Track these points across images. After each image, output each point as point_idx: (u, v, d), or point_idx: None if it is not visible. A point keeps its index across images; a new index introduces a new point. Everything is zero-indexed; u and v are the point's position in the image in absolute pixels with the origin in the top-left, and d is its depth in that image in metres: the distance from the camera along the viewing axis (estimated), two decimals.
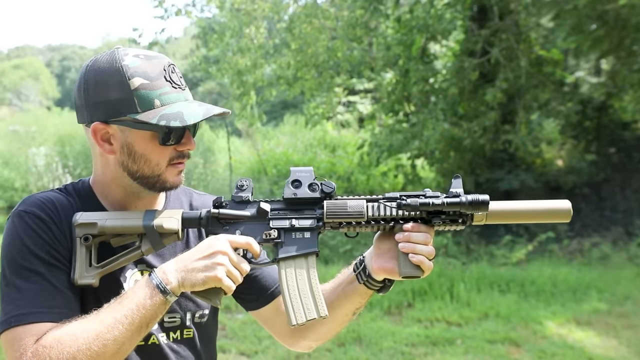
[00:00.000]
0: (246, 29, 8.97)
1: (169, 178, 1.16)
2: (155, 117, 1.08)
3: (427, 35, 8.39)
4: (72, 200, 1.16)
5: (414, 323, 5.31)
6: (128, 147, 1.12)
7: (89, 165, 10.33)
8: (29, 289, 1.03)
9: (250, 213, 1.15)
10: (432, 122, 7.49)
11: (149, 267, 1.19)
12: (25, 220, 1.08)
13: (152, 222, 1.12)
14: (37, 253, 1.06)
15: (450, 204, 1.13)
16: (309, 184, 1.14)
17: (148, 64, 1.11)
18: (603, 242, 7.33)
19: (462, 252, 7.41)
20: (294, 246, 1.15)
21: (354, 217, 1.14)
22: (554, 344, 4.69)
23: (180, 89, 1.13)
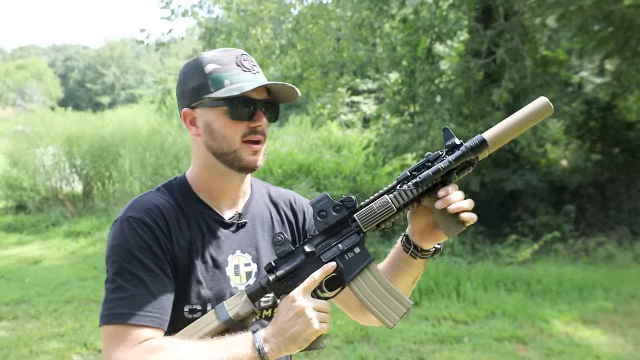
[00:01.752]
0: (252, 30, 9.03)
1: (245, 156, 1.25)
2: (225, 91, 1.22)
3: (432, 35, 8.44)
4: (172, 202, 1.27)
5: (421, 321, 5.36)
6: (208, 126, 1.25)
7: (96, 165, 10.47)
8: (129, 291, 1.14)
9: (300, 261, 1.23)
10: (438, 122, 7.53)
11: (243, 252, 1.32)
12: (133, 226, 1.19)
13: (229, 315, 1.20)
14: (140, 258, 1.17)
15: (457, 159, 1.21)
16: (333, 207, 1.22)
17: (222, 54, 1.27)
18: (608, 241, 7.35)
19: (467, 251, 7.45)
20: (352, 266, 1.23)
21: (385, 215, 1.23)
22: (560, 341, 4.73)
23: (250, 72, 1.26)
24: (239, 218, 1.33)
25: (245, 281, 1.30)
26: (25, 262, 7.45)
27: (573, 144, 9.15)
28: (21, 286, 6.22)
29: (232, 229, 1.32)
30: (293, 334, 1.14)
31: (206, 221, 1.29)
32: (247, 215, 1.35)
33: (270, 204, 1.43)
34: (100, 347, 4.57)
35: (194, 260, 1.24)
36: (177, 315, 1.22)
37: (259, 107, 1.25)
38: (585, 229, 7.81)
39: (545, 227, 7.80)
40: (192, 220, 1.27)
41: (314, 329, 1.14)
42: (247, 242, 1.33)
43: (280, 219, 1.41)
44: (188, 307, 1.24)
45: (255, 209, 1.38)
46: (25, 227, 9.39)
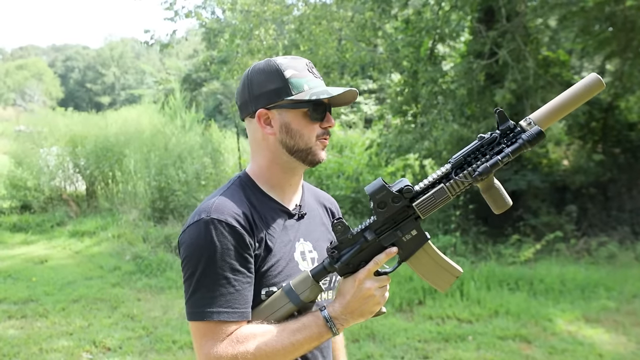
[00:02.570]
0: (256, 31, 9.07)
1: (317, 152, 1.39)
2: (307, 95, 1.34)
3: (435, 36, 8.49)
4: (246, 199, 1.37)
5: (425, 320, 5.41)
6: (286, 126, 1.37)
7: (100, 165, 10.52)
8: (217, 290, 1.26)
9: (360, 245, 1.31)
10: (442, 123, 7.58)
11: (305, 240, 1.45)
12: (219, 228, 1.27)
13: (300, 298, 1.31)
14: (227, 260, 1.27)
15: (514, 152, 1.22)
16: (392, 199, 1.27)
17: (294, 61, 1.39)
18: (610, 241, 7.40)
19: (470, 251, 7.49)
20: (409, 247, 1.32)
21: (441, 203, 1.29)
22: (564, 340, 4.78)
23: (319, 79, 1.41)
24: (300, 209, 1.47)
25: (311, 265, 1.42)
26: (31, 262, 7.49)
27: (575, 145, 9.20)
28: (28, 285, 6.26)
29: (295, 218, 1.45)
30: (362, 311, 1.30)
31: (275, 212, 1.41)
32: (304, 207, 1.49)
33: (316, 198, 1.59)
34: (109, 344, 4.62)
35: (269, 250, 1.35)
36: (255, 298, 1.33)
37: (328, 110, 1.39)
38: (587, 229, 7.86)
39: (547, 227, 7.85)
40: (263, 213, 1.38)
41: (379, 305, 1.33)
42: (307, 230, 1.47)
43: (326, 214, 1.59)
44: (265, 291, 1.34)
45: (308, 202, 1.53)
46: (30, 226, 9.44)
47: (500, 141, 1.25)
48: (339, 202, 9.07)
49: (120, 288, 6.18)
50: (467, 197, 8.17)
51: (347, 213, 8.97)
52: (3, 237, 9.09)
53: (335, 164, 10.48)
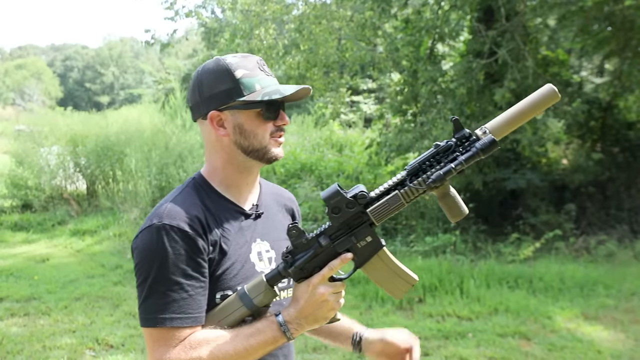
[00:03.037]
0: (256, 30, 9.11)
1: (273, 149, 1.39)
2: (259, 95, 1.33)
3: (434, 36, 8.53)
4: (199, 202, 1.36)
5: (425, 318, 5.45)
6: (239, 127, 1.36)
7: (101, 164, 10.56)
8: (170, 297, 1.25)
9: (314, 250, 1.31)
10: (441, 122, 7.61)
11: (262, 239, 1.45)
12: (171, 234, 1.26)
13: (254, 303, 1.31)
14: (180, 265, 1.26)
15: (468, 160, 1.24)
16: (346, 204, 1.28)
17: (244, 60, 1.38)
18: (609, 240, 7.44)
19: (469, 249, 7.53)
20: (364, 253, 1.32)
21: (396, 210, 1.29)
22: (563, 337, 4.82)
23: (271, 76, 1.40)
24: (257, 209, 1.46)
25: (269, 265, 1.42)
26: (33, 260, 7.53)
27: (574, 144, 9.24)
28: (30, 283, 6.30)
29: (252, 218, 1.44)
30: (316, 316, 1.29)
31: (230, 213, 1.39)
32: (262, 207, 1.48)
33: (274, 196, 1.58)
34: (112, 342, 4.66)
35: (224, 253, 1.34)
36: (209, 302, 1.33)
37: (281, 107, 1.39)
38: (586, 228, 7.90)
39: (547, 225, 7.89)
40: (218, 215, 1.36)
41: (332, 313, 1.31)
42: (264, 230, 1.46)
43: (282, 213, 1.57)
44: (220, 294, 1.34)
45: (266, 201, 1.51)
46: (31, 225, 9.47)
47: (456, 149, 1.26)
48: None
49: (122, 286, 6.21)
50: (466, 195, 8.20)
51: None
52: (4, 236, 9.13)
53: (335, 163, 10.52)
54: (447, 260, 6.82)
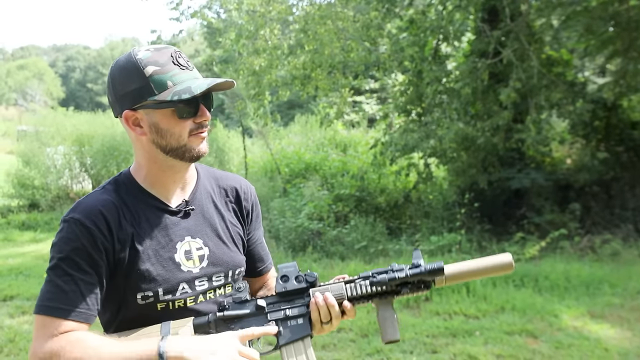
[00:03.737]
0: (261, 31, 9.15)
1: (194, 146, 1.33)
2: (169, 95, 1.27)
3: (439, 36, 8.57)
4: (116, 199, 1.34)
5: (432, 316, 5.49)
6: (155, 126, 1.31)
7: (107, 164, 10.61)
8: (60, 287, 1.24)
9: (250, 310, 1.34)
10: (447, 121, 7.65)
11: (193, 237, 1.40)
12: (72, 227, 1.27)
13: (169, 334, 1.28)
14: (74, 258, 1.26)
15: (413, 275, 1.34)
16: (295, 277, 1.35)
17: (157, 54, 1.31)
18: (613, 239, 7.47)
19: (474, 249, 7.57)
20: (290, 333, 1.34)
21: (336, 297, 1.35)
22: (570, 335, 4.85)
23: (187, 69, 1.32)
24: (186, 205, 1.41)
25: (199, 264, 1.38)
26: (41, 259, 7.57)
27: (578, 143, 9.27)
28: (40, 282, 6.25)
29: (179, 216, 1.39)
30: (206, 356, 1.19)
31: (152, 211, 1.36)
32: (194, 202, 1.43)
33: (217, 188, 1.51)
34: None
35: (139, 251, 1.32)
36: (131, 303, 1.32)
37: (201, 102, 1.32)
38: (591, 227, 7.94)
39: (551, 225, 7.92)
40: (137, 213, 1.35)
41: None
42: (196, 227, 1.41)
43: (225, 205, 1.50)
44: (140, 295, 1.32)
45: (202, 195, 1.46)
46: (38, 225, 9.54)
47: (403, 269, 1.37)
48: (344, 201, 9.18)
49: None
50: (471, 195, 8.24)
51: (352, 211, 9.04)
52: (12, 235, 9.20)
53: (340, 163, 10.57)
54: (453, 259, 6.85)
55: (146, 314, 1.33)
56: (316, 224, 8.38)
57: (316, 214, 8.69)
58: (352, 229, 8.20)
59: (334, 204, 9.02)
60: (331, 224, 8.50)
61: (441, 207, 8.80)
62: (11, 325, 4.96)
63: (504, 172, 8.38)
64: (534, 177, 8.27)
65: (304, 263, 7.19)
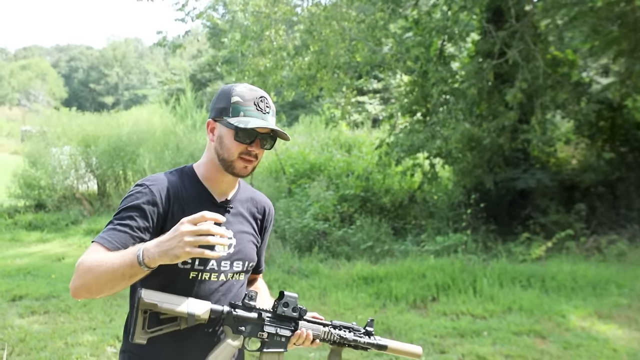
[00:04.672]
0: (266, 32, 9.17)
1: (237, 166, 1.67)
2: (236, 121, 1.64)
3: (444, 37, 8.57)
4: (178, 181, 1.70)
5: (440, 316, 5.50)
6: (220, 138, 1.67)
7: (113, 165, 10.65)
8: (114, 227, 1.58)
9: (251, 316, 1.66)
10: (453, 122, 7.66)
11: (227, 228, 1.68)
12: (140, 189, 1.64)
13: (194, 311, 1.56)
14: (132, 211, 1.60)
15: (369, 344, 1.83)
16: (293, 307, 1.71)
17: (248, 92, 1.68)
18: (619, 239, 7.47)
19: (480, 249, 7.57)
20: (273, 345, 1.71)
21: (314, 335, 1.75)
22: (578, 335, 4.86)
23: (261, 112, 1.67)
24: (227, 203, 1.75)
25: (227, 249, 1.70)
26: (49, 259, 7.60)
27: (583, 144, 9.27)
28: (48, 282, 6.36)
29: (221, 210, 1.71)
30: (165, 248, 1.43)
31: (201, 199, 1.70)
32: (233, 203, 1.77)
33: (251, 201, 1.85)
34: None
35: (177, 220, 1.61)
36: (174, 266, 1.58)
37: (259, 137, 1.65)
38: (596, 227, 7.93)
39: (556, 225, 7.92)
40: (191, 197, 1.69)
41: (183, 251, 1.42)
42: (230, 221, 1.74)
43: (253, 215, 1.85)
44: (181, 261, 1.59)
45: (239, 201, 1.80)
46: (45, 225, 9.57)
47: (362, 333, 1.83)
48: (349, 201, 9.19)
49: None
50: (477, 195, 8.25)
51: (356, 212, 9.05)
52: (20, 235, 9.22)
53: (344, 163, 10.57)
54: (459, 260, 6.86)
55: (181, 278, 1.63)
56: (322, 224, 8.39)
57: (321, 214, 8.69)
58: (358, 229, 8.21)
59: (339, 204, 9.03)
60: (336, 224, 8.51)
61: (446, 208, 8.80)
62: (21, 325, 4.98)
63: (509, 172, 8.39)
64: (539, 178, 8.27)
65: (310, 264, 7.20)
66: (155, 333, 1.55)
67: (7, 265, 7.20)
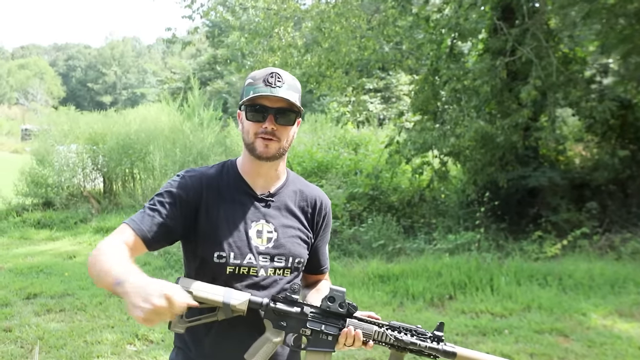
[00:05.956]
0: (276, 29, 9.12)
1: (257, 147, 1.62)
2: (245, 99, 1.62)
3: (454, 34, 8.53)
4: (217, 175, 1.69)
5: (459, 314, 5.45)
6: (242, 123, 1.67)
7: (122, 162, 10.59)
8: (144, 211, 1.60)
9: (294, 311, 1.56)
10: (467, 119, 7.61)
11: (267, 222, 1.68)
12: (176, 179, 1.66)
13: (229, 301, 1.50)
14: (164, 198, 1.61)
15: (430, 348, 1.57)
16: (340, 303, 1.57)
17: (260, 72, 1.64)
18: (633, 237, 7.44)
19: (493, 247, 7.53)
20: (319, 344, 1.57)
21: (365, 335, 1.58)
22: (601, 334, 4.82)
23: (270, 86, 1.59)
24: (269, 196, 1.70)
25: (266, 244, 1.66)
26: (60, 257, 7.54)
27: (593, 142, 9.23)
28: (62, 280, 6.30)
29: (262, 204, 1.69)
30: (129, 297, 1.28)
31: (241, 193, 1.68)
32: (276, 197, 1.71)
33: (300, 194, 1.77)
34: (151, 338, 4.67)
35: (222, 219, 1.63)
36: (208, 259, 1.60)
37: (271, 112, 1.60)
38: (609, 226, 7.90)
39: (568, 223, 7.88)
40: (230, 190, 1.67)
41: (133, 314, 1.27)
42: (272, 215, 1.69)
43: (302, 209, 1.77)
44: (217, 254, 1.60)
45: (285, 194, 1.74)
46: (54, 223, 9.50)
47: (427, 338, 1.59)
48: (357, 200, 9.14)
49: None
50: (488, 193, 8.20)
51: (365, 210, 9.01)
52: (28, 233, 9.16)
53: (351, 162, 10.53)
54: (474, 258, 6.82)
55: (219, 273, 1.60)
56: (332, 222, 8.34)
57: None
58: (369, 227, 8.17)
59: (348, 202, 8.98)
60: (346, 223, 8.46)
61: (456, 206, 8.76)
62: (38, 323, 4.92)
63: (520, 170, 8.35)
64: (551, 176, 8.23)
65: None
66: (194, 323, 1.51)
67: (18, 264, 7.14)
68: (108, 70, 73.98)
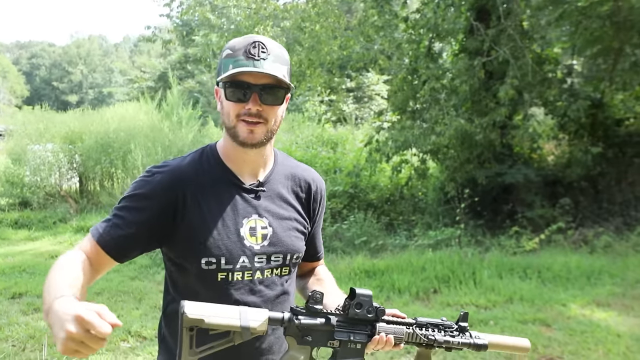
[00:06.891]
0: (256, 28, 9.15)
1: (240, 132, 1.37)
2: (223, 76, 1.34)
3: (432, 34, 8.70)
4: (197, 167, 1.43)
5: (444, 307, 5.60)
6: (220, 102, 1.40)
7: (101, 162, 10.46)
8: (108, 218, 1.40)
9: (319, 322, 1.38)
10: (448, 118, 7.79)
11: (260, 216, 1.45)
12: (144, 176, 1.42)
13: (248, 324, 1.28)
14: (129, 202, 1.39)
15: (463, 344, 1.49)
16: (368, 308, 1.40)
17: (240, 40, 1.37)
18: (605, 232, 7.73)
19: (472, 243, 7.73)
20: (348, 354, 1.42)
21: (396, 338, 1.46)
22: (581, 323, 5.02)
23: (253, 58, 1.32)
24: (258, 186, 1.46)
25: (261, 242, 1.43)
26: (42, 257, 7.44)
27: (565, 140, 9.54)
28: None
29: (251, 195, 1.45)
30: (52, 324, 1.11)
31: (225, 184, 1.43)
32: (267, 185, 1.47)
33: (291, 177, 1.54)
34: (144, 334, 4.67)
35: (207, 219, 1.39)
36: (195, 266, 1.38)
37: (255, 91, 1.33)
38: (582, 221, 8.18)
39: (542, 219, 8.14)
40: (213, 182, 1.42)
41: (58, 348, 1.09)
42: (265, 208, 1.46)
43: (296, 195, 1.54)
44: (204, 260, 1.37)
45: (276, 181, 1.50)
46: (32, 223, 9.35)
47: (454, 330, 1.50)
48: (337, 198, 9.24)
49: (139, 281, 6.21)
50: (466, 190, 8.40)
51: (346, 207, 9.12)
52: (6, 233, 8.99)
53: (329, 160, 10.62)
54: (456, 252, 6.99)
55: (209, 282, 1.39)
56: None
57: None
58: (351, 224, 8.28)
59: (329, 200, 9.08)
60: (328, 220, 8.55)
61: (434, 203, 8.94)
62: (27, 322, 4.88)
63: (497, 167, 8.57)
64: (525, 173, 8.47)
65: None
66: (206, 352, 1.27)
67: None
68: (74, 69, 72.51)
